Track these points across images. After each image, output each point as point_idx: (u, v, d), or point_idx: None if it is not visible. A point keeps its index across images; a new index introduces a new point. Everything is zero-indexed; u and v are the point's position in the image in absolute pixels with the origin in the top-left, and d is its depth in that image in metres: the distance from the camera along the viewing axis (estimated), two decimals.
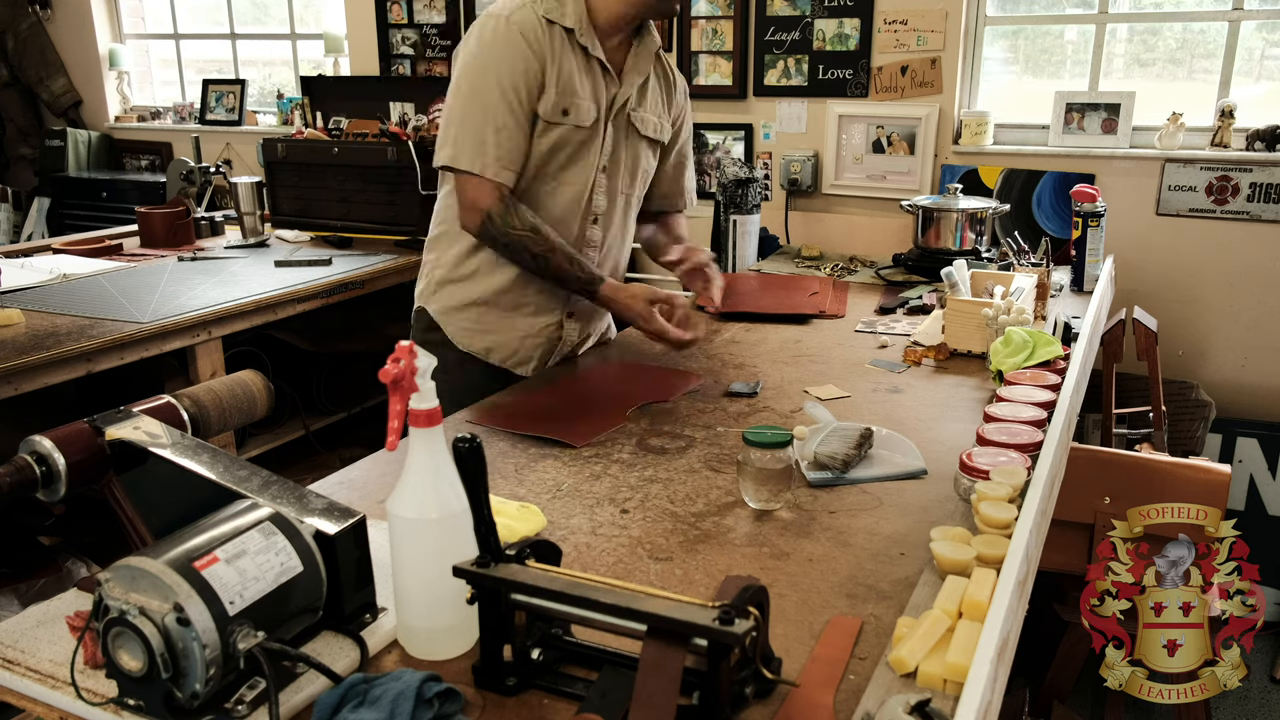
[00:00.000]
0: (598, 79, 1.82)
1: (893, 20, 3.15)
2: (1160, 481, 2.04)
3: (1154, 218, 3.00)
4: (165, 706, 0.87)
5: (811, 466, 1.45)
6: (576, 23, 1.76)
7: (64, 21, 4.84)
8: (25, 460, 1.07)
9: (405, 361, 0.94)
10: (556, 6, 1.76)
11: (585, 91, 1.79)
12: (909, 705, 0.86)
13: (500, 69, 1.71)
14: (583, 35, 1.77)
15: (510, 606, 0.94)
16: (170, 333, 2.46)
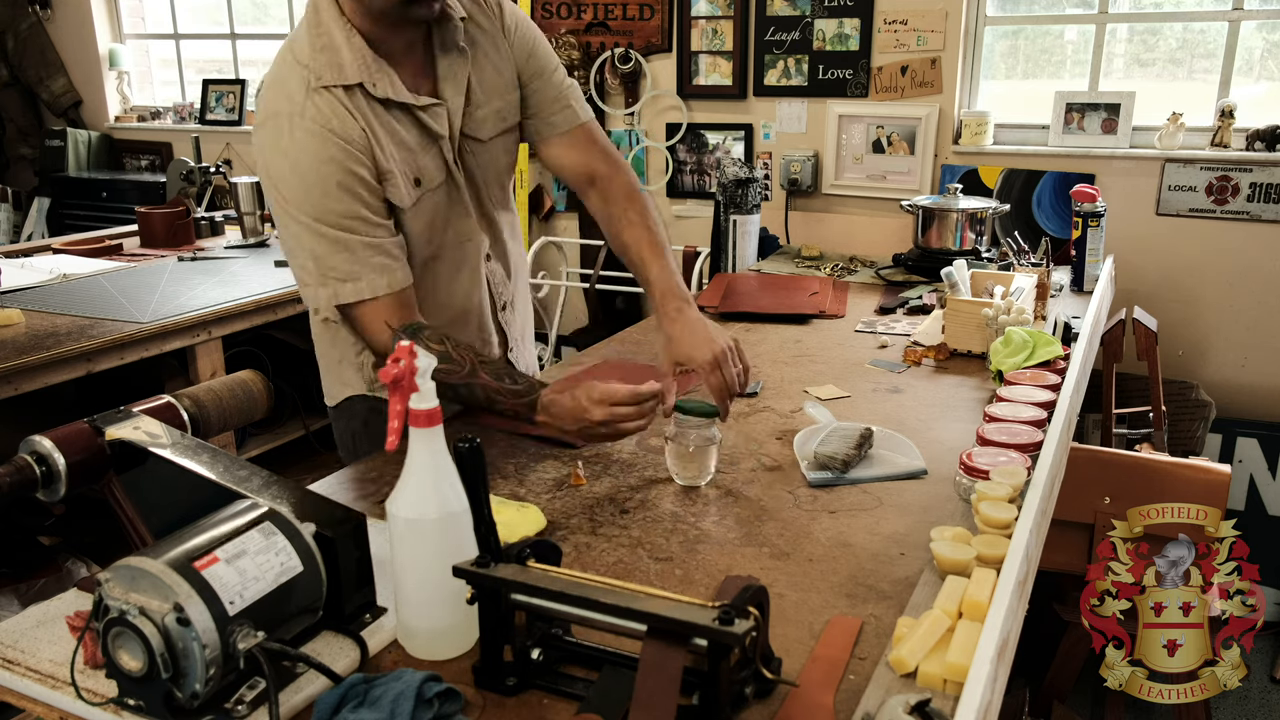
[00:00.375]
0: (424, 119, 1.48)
1: (893, 20, 3.15)
2: (1160, 481, 2.04)
3: (1154, 218, 3.00)
4: (165, 706, 0.87)
5: (811, 466, 1.45)
6: (364, 74, 1.40)
7: (64, 21, 4.84)
8: (25, 460, 1.07)
9: (405, 361, 0.94)
10: (330, 69, 1.39)
11: (421, 144, 1.48)
12: (909, 705, 0.86)
13: (324, 181, 1.38)
14: (376, 85, 1.41)
15: (510, 606, 0.94)
16: (170, 333, 2.46)
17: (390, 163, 1.44)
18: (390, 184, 1.44)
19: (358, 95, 1.42)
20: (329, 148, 1.38)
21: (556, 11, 3.61)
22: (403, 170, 1.46)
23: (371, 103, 1.43)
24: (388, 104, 1.45)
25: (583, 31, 3.59)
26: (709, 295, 2.49)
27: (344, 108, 1.40)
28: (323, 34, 1.42)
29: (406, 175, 1.46)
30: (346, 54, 1.41)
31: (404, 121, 1.47)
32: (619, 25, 3.54)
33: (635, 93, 3.57)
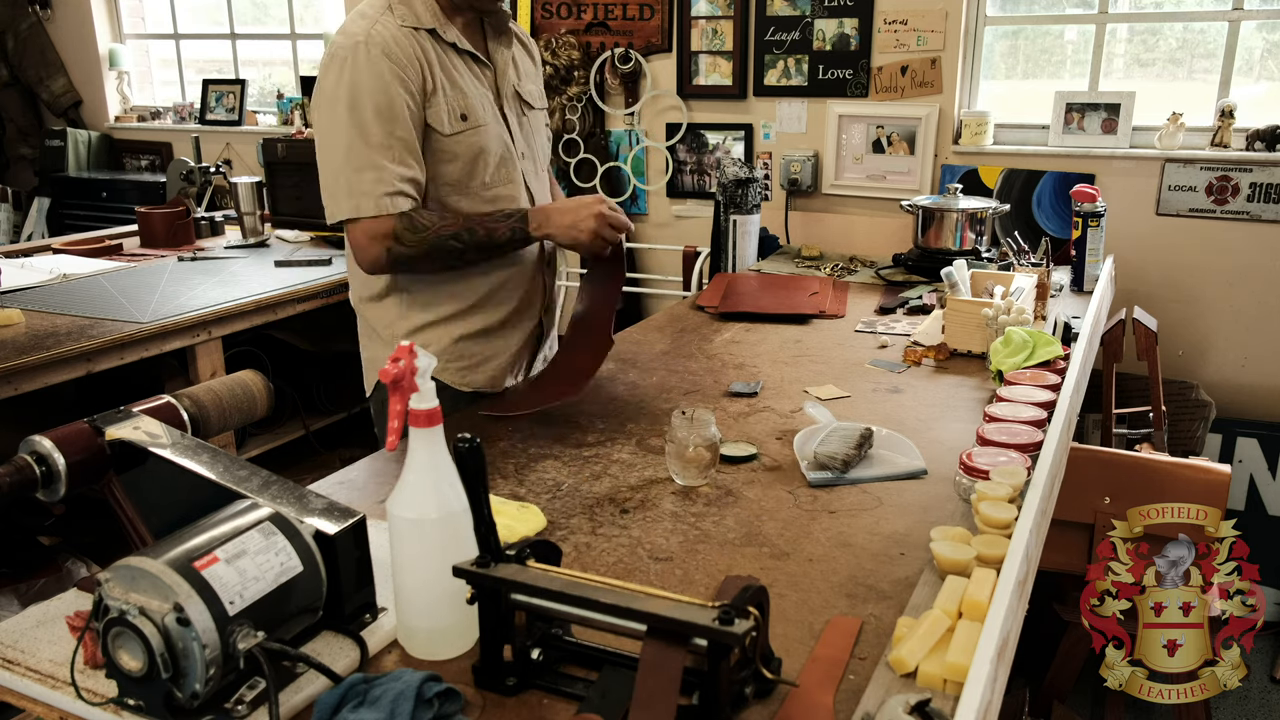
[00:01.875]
0: (476, 71, 1.72)
1: (893, 20, 3.15)
2: (1160, 481, 2.04)
3: (1154, 218, 3.00)
4: (165, 706, 0.87)
5: (811, 466, 1.45)
6: (434, 21, 1.66)
7: (64, 21, 4.84)
8: (25, 460, 1.07)
9: (405, 361, 0.94)
10: (408, 13, 1.64)
11: (472, 89, 1.70)
12: (909, 705, 0.86)
13: (368, 99, 1.57)
14: (446, 32, 1.66)
15: (510, 606, 0.94)
16: (170, 333, 2.46)
17: (440, 91, 1.65)
18: (433, 107, 1.64)
19: (425, 37, 1.65)
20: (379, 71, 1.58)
21: (556, 11, 3.61)
22: (450, 103, 1.66)
23: (438, 45, 1.67)
24: (454, 49, 1.69)
25: (583, 31, 3.59)
26: (709, 295, 2.49)
27: (409, 41, 1.62)
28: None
29: (453, 109, 1.66)
30: (420, 5, 1.67)
31: (461, 69, 1.70)
32: (619, 25, 3.54)
33: (635, 93, 3.57)
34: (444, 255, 1.67)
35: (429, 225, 1.63)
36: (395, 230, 1.62)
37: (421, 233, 1.63)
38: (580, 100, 3.61)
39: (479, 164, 1.71)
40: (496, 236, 1.67)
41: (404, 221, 1.62)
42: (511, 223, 1.68)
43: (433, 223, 1.64)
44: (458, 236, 1.65)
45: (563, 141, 3.64)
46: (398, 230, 1.62)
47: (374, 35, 1.59)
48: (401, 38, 1.61)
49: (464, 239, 1.65)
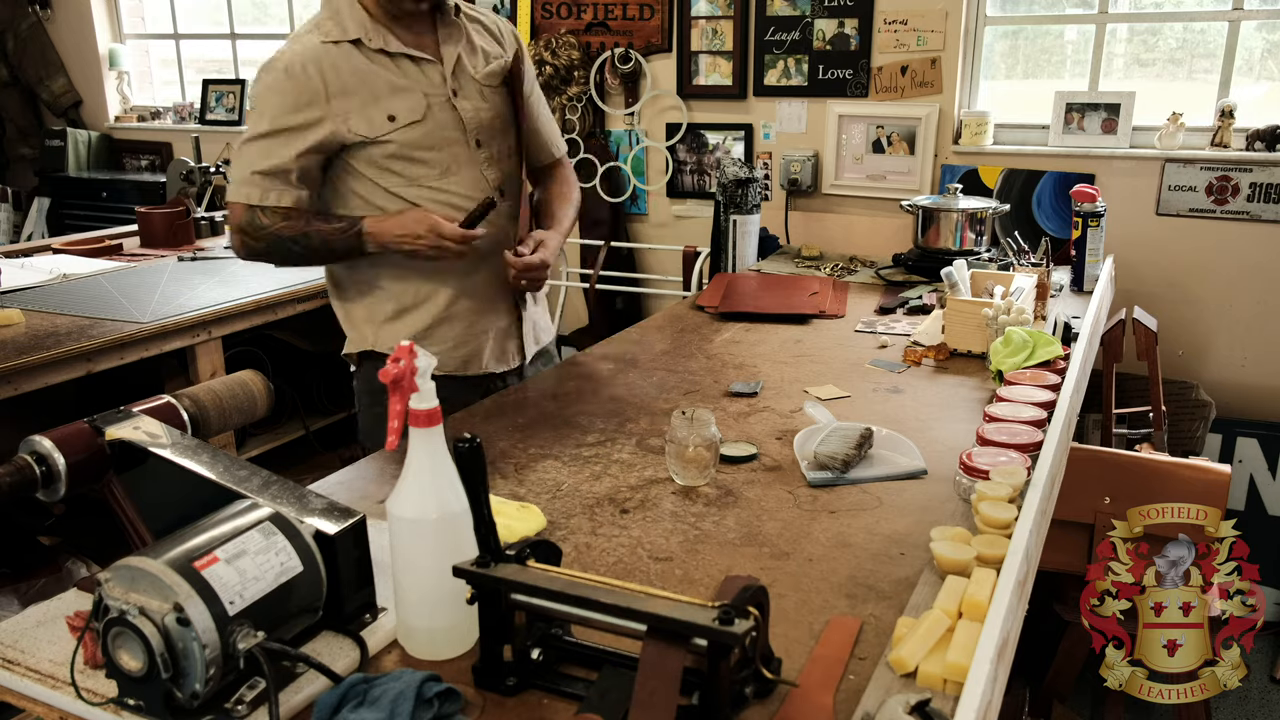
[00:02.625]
0: (413, 71, 1.77)
1: (893, 20, 3.15)
2: (1160, 481, 2.04)
3: (1154, 218, 3.00)
4: (165, 706, 0.87)
5: (811, 466, 1.45)
6: (360, 31, 1.73)
7: (64, 21, 4.84)
8: (25, 460, 1.07)
9: (405, 361, 0.94)
10: (334, 27, 1.74)
11: (403, 88, 1.76)
12: (909, 705, 0.86)
13: (267, 114, 1.71)
14: (371, 39, 1.74)
15: (510, 606, 0.94)
16: (170, 333, 2.46)
17: (355, 105, 1.72)
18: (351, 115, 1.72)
19: (349, 48, 1.73)
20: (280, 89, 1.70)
21: (556, 11, 3.61)
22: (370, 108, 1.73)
23: (365, 53, 1.74)
24: (384, 54, 1.75)
25: (583, 31, 3.59)
26: (709, 295, 2.49)
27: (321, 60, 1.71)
28: (330, 7, 1.77)
29: (376, 115, 1.74)
30: (348, 18, 1.74)
31: (394, 71, 1.76)
32: (619, 25, 3.54)
33: (635, 93, 3.57)
34: (286, 255, 1.77)
35: (268, 224, 1.73)
36: (243, 224, 1.74)
37: (262, 229, 1.74)
38: (580, 100, 3.61)
39: (418, 159, 1.78)
40: (332, 244, 1.76)
41: (248, 216, 1.74)
42: (347, 235, 1.75)
43: (274, 220, 1.73)
44: (295, 240, 1.74)
45: None
46: (244, 224, 1.74)
47: (289, 56, 1.71)
48: (319, 54, 1.71)
49: (300, 243, 1.75)
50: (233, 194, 1.75)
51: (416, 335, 1.86)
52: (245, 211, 1.73)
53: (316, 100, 1.70)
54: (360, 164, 1.77)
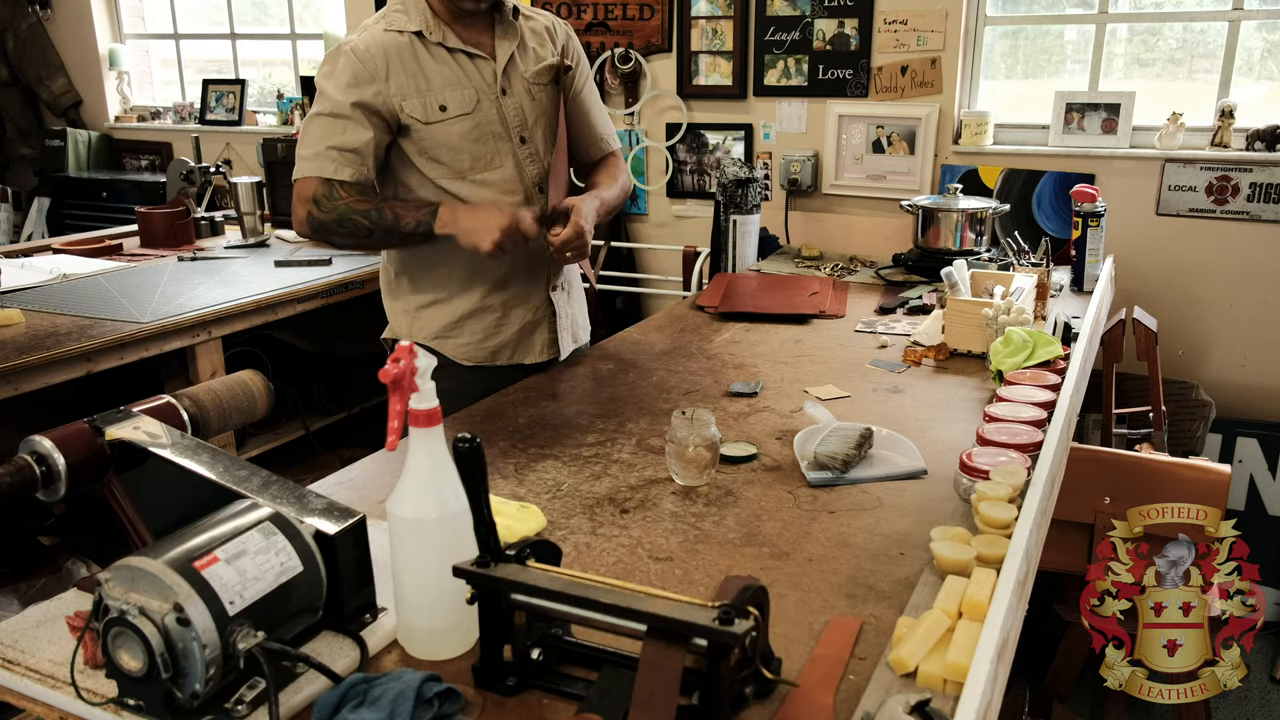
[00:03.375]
0: (469, 66, 1.86)
1: (893, 20, 3.15)
2: (1160, 481, 2.04)
3: (1154, 218, 3.00)
4: (165, 706, 0.87)
5: (811, 466, 1.45)
6: (423, 24, 1.82)
7: (64, 21, 4.84)
8: (25, 460, 1.07)
9: (405, 361, 0.94)
10: (400, 17, 1.83)
11: (457, 81, 1.84)
12: (909, 705, 0.86)
13: (335, 94, 1.78)
14: (432, 33, 1.82)
15: (510, 606, 0.94)
16: (170, 333, 2.46)
17: (414, 86, 1.81)
18: (408, 100, 1.80)
19: (408, 39, 1.82)
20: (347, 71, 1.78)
21: (556, 12, 3.61)
22: (427, 96, 1.82)
23: (419, 48, 1.82)
24: (442, 48, 1.84)
25: (583, 31, 3.59)
26: (709, 295, 2.49)
27: (387, 46, 1.80)
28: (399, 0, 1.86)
29: (430, 101, 1.82)
30: (414, 11, 1.84)
31: (450, 64, 1.84)
32: (619, 25, 3.54)
33: (635, 93, 3.57)
34: (353, 230, 1.80)
35: (344, 196, 1.78)
36: (316, 195, 1.78)
37: (336, 201, 1.77)
38: None
39: (464, 150, 1.85)
40: (403, 224, 1.79)
41: (325, 188, 1.78)
42: (421, 214, 1.79)
43: (350, 194, 1.78)
44: (367, 215, 1.78)
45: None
46: (318, 195, 1.78)
47: (356, 41, 1.80)
48: (383, 41, 1.80)
49: (372, 218, 1.78)
50: (305, 168, 1.79)
51: (446, 327, 1.95)
52: (321, 184, 1.77)
53: (378, 78, 1.78)
54: (411, 151, 1.84)
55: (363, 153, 1.78)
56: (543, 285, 2.00)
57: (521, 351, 2.00)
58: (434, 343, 1.95)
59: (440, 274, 1.93)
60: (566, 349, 2.05)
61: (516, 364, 2.00)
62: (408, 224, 1.79)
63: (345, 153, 1.78)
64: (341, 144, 1.77)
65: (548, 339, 2.02)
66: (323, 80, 1.81)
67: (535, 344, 2.01)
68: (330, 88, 1.79)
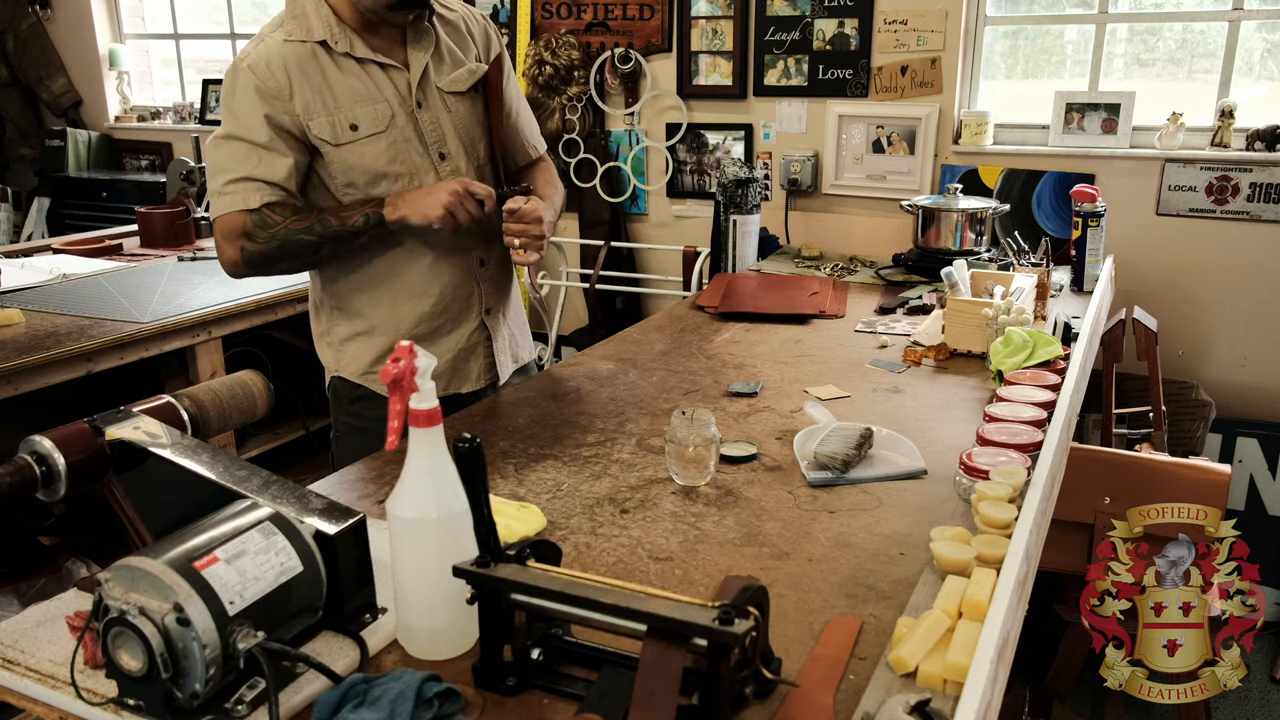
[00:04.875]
0: (380, 78, 1.71)
1: (893, 20, 3.15)
2: (1160, 481, 2.04)
3: (1154, 218, 3.00)
4: (165, 706, 0.87)
5: (811, 466, 1.45)
6: (327, 33, 1.67)
7: (64, 21, 4.83)
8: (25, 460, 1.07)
9: (405, 361, 0.94)
10: (298, 26, 1.67)
11: (368, 96, 1.69)
12: (909, 705, 0.86)
13: (244, 116, 1.63)
14: (338, 42, 1.67)
15: (510, 606, 0.94)
16: (170, 333, 2.46)
17: (316, 105, 1.66)
18: (315, 119, 1.66)
19: (309, 49, 1.67)
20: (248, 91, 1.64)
21: (556, 11, 3.61)
22: (335, 115, 1.67)
23: (330, 56, 1.68)
24: (350, 58, 1.69)
25: (583, 31, 3.59)
26: (709, 295, 2.49)
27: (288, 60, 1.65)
28: (296, 6, 1.70)
29: (339, 120, 1.68)
30: (315, 19, 1.68)
31: (361, 77, 1.70)
32: (619, 25, 3.54)
33: (635, 93, 3.57)
34: (299, 250, 1.67)
35: (279, 220, 1.64)
36: (246, 228, 1.64)
37: (272, 228, 1.64)
38: (580, 100, 3.61)
39: (379, 172, 1.71)
40: (350, 224, 1.66)
41: (255, 218, 1.64)
42: (367, 208, 1.67)
43: (285, 217, 1.65)
44: (309, 230, 1.65)
45: (563, 141, 3.64)
46: (248, 228, 1.64)
47: (254, 56, 1.65)
48: (283, 54, 1.65)
49: (316, 231, 1.65)
50: (225, 203, 1.64)
51: (374, 363, 1.81)
52: (247, 216, 1.63)
53: (282, 95, 1.63)
54: (322, 174, 1.71)
55: (285, 185, 1.65)
56: (475, 311, 1.86)
57: (457, 381, 1.86)
58: (362, 379, 1.82)
59: (363, 300, 1.79)
60: (506, 372, 1.94)
61: (452, 394, 1.85)
62: (356, 222, 1.66)
63: (268, 185, 1.63)
64: (262, 175, 1.63)
65: (484, 365, 1.90)
66: (226, 101, 1.66)
67: (470, 372, 1.88)
68: (237, 108, 1.64)
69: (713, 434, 1.40)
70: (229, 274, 1.72)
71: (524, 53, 3.64)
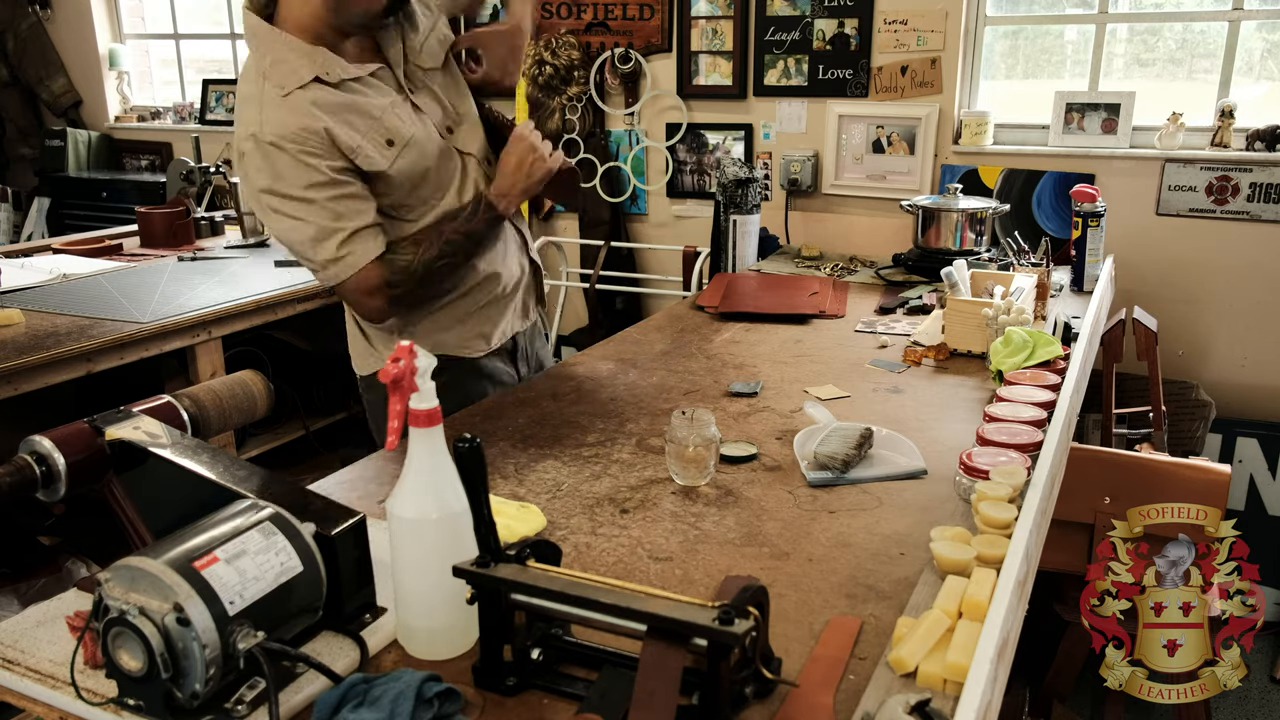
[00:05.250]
0: (376, 87, 1.65)
1: (893, 20, 3.15)
2: (1160, 481, 2.04)
3: (1154, 218, 3.00)
4: (165, 706, 0.87)
5: (811, 466, 1.45)
6: (314, 69, 1.58)
7: (64, 21, 4.83)
8: (25, 460, 1.07)
9: (405, 361, 0.94)
10: (287, 73, 1.56)
11: (379, 108, 1.64)
12: (909, 705, 0.86)
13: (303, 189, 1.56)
14: (329, 74, 1.59)
15: (510, 606, 0.94)
16: (170, 333, 2.46)
17: (355, 138, 1.60)
18: (362, 156, 1.60)
19: (312, 89, 1.58)
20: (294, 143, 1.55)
21: (556, 11, 3.61)
22: (369, 139, 1.62)
23: (330, 88, 1.60)
24: (344, 83, 1.62)
25: (583, 31, 3.59)
26: (709, 295, 2.49)
27: (293, 107, 1.55)
28: (267, 52, 1.59)
29: (376, 141, 1.63)
30: (294, 59, 1.58)
31: (364, 92, 1.64)
32: (619, 25, 3.54)
33: (635, 93, 3.57)
34: (439, 276, 1.70)
35: (410, 258, 1.65)
36: (386, 279, 1.64)
37: (407, 268, 1.65)
38: (580, 100, 3.61)
39: (425, 176, 1.70)
40: (475, 232, 1.70)
41: (388, 267, 1.63)
42: (480, 214, 1.70)
43: (412, 253, 1.65)
44: (441, 254, 1.67)
45: (563, 141, 3.64)
46: (386, 277, 1.64)
47: (272, 125, 1.54)
48: (296, 108, 1.55)
49: (447, 251, 1.67)
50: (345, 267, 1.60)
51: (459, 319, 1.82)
52: (376, 266, 1.61)
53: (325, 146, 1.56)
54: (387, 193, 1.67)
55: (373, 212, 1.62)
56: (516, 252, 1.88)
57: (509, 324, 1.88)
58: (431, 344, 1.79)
59: None
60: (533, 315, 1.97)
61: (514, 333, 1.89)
62: (478, 229, 1.69)
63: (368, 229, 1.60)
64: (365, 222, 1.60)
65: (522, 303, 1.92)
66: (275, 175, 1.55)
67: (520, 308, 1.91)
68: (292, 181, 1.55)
69: (713, 434, 1.40)
70: (376, 323, 1.76)
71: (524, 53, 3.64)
